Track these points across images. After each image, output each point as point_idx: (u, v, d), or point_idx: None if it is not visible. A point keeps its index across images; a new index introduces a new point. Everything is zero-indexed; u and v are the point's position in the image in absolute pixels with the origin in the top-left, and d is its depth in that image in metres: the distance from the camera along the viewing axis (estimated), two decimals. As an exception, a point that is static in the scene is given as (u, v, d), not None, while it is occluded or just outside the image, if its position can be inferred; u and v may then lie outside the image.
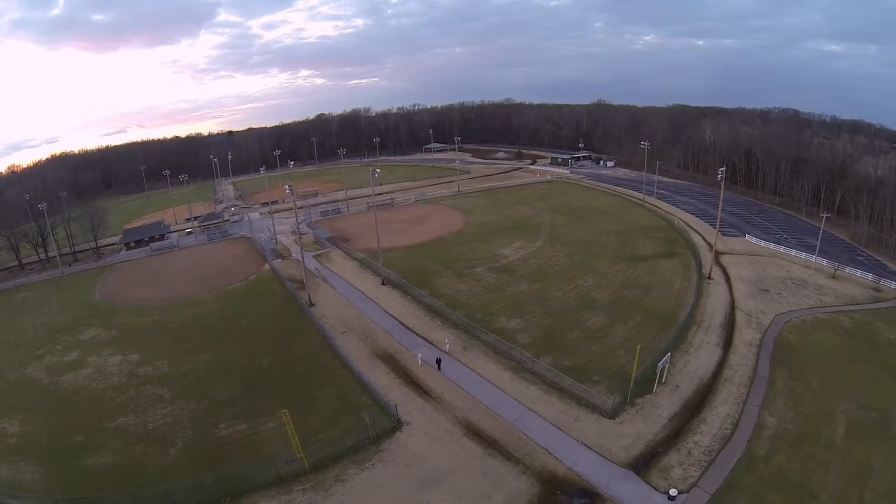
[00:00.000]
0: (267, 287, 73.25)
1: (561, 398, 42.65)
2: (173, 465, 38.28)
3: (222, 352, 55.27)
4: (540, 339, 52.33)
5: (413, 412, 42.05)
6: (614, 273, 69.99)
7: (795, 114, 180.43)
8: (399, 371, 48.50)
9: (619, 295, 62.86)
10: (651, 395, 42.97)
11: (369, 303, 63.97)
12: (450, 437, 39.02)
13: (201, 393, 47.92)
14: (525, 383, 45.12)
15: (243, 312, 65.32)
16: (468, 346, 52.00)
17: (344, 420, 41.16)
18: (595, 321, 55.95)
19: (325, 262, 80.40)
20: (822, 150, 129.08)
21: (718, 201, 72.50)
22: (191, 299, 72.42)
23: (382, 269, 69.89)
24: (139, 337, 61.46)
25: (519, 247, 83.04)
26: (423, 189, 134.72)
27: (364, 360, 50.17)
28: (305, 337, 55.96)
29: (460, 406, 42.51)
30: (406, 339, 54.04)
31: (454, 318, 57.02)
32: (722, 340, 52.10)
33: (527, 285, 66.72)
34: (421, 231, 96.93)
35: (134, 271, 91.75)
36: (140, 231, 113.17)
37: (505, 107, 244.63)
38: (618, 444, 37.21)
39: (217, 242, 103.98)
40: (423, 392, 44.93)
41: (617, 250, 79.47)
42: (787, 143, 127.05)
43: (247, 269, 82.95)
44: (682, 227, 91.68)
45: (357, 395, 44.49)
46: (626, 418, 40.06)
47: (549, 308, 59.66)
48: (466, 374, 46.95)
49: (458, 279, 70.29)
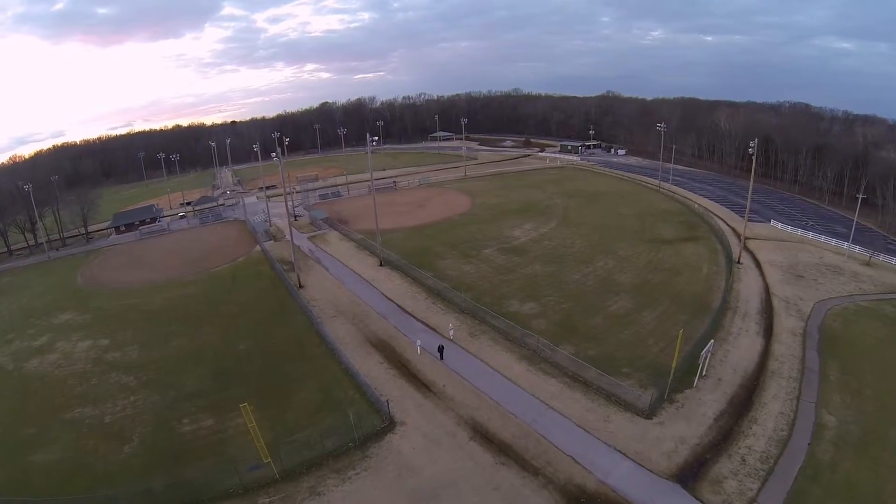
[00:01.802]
0: (255, 269, 66.28)
1: (586, 394, 35.30)
2: (125, 466, 32.02)
3: (198, 337, 48.70)
4: (558, 326, 44.98)
5: (409, 409, 34.78)
6: (636, 256, 62.69)
7: (807, 107, 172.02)
8: (394, 360, 41.25)
9: (643, 278, 55.59)
10: (691, 389, 35.88)
11: (364, 285, 56.81)
12: (453, 440, 31.65)
13: (168, 382, 41.50)
14: (543, 376, 37.74)
15: (226, 295, 58.59)
16: (476, 332, 44.73)
17: (325, 417, 33.97)
18: (619, 306, 48.60)
19: (320, 243, 73.26)
20: (842, 136, 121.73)
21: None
22: (173, 282, 66.15)
23: (381, 248, 62.54)
24: (113, 321, 55.61)
25: (530, 228, 75.65)
26: (428, 174, 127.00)
27: (354, 348, 43.00)
28: (291, 321, 48.85)
29: (466, 403, 35.13)
30: (404, 325, 46.79)
31: (460, 302, 49.74)
32: (762, 328, 45.67)
33: (540, 267, 59.41)
34: (424, 213, 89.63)
35: (120, 255, 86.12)
36: (130, 215, 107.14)
37: (512, 97, 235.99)
38: (658, 449, 30.01)
39: (209, 225, 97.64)
40: (421, 385, 37.65)
41: (636, 233, 72.22)
42: (806, 129, 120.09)
43: (236, 251, 76.13)
44: (702, 212, 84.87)
45: (343, 388, 37.33)
46: (665, 418, 32.84)
47: (566, 291, 52.35)
48: (474, 365, 39.57)
49: (465, 260, 63.02)
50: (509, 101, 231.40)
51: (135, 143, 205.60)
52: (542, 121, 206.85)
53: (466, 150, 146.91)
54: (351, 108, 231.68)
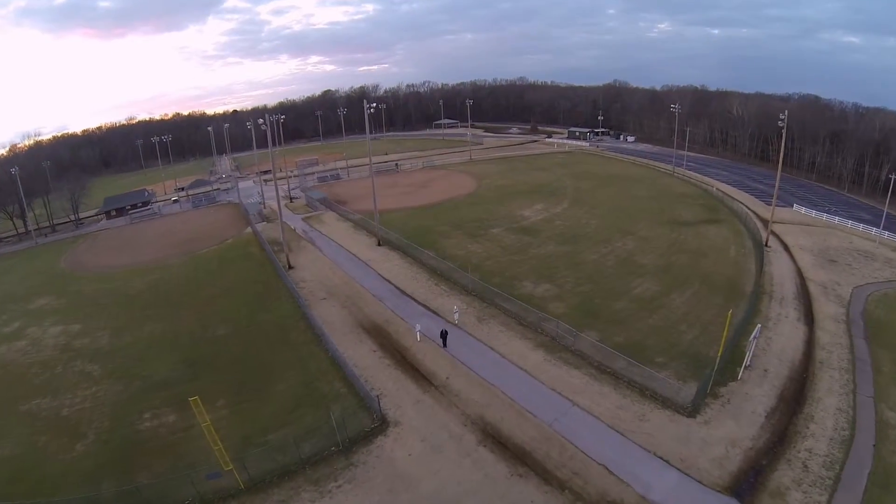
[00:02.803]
0: (244, 250, 60.79)
1: (616, 387, 29.58)
2: (74, 467, 27.17)
3: (174, 322, 43.50)
4: (578, 309, 39.20)
5: (405, 406, 29.03)
6: (656, 237, 56.93)
7: (816, 99, 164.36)
8: (389, 348, 35.57)
9: (667, 260, 49.89)
10: (736, 382, 30.41)
11: (360, 265, 51.23)
12: (458, 445, 25.84)
13: (135, 371, 36.40)
14: (565, 366, 31.98)
15: (210, 278, 53.28)
16: (484, 316, 39.03)
17: (306, 415, 28.46)
18: (644, 288, 42.88)
19: (316, 224, 67.57)
20: (860, 123, 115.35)
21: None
22: (157, 265, 61.05)
23: (378, 227, 56.83)
24: (89, 306, 50.79)
25: (541, 208, 69.67)
26: (432, 157, 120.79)
27: (344, 334, 37.41)
28: (276, 304, 43.33)
29: (474, 399, 29.35)
30: (402, 308, 41.17)
31: (466, 282, 44.08)
32: (801, 314, 40.55)
33: (554, 247, 53.67)
34: (427, 194, 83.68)
35: (108, 239, 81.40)
36: (120, 199, 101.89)
37: (517, 85, 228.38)
38: (707, 454, 24.48)
39: (202, 209, 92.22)
40: (420, 377, 31.99)
41: (654, 214, 66.38)
42: (823, 116, 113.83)
43: (227, 233, 70.72)
44: (720, 196, 79.08)
45: (329, 380, 31.73)
46: (710, 416, 27.31)
47: (584, 272, 46.66)
48: (482, 353, 33.92)
49: (471, 240, 57.30)
50: (515, 89, 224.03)
51: (134, 133, 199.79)
52: (548, 108, 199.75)
53: (471, 137, 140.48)
54: (354, 95, 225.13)
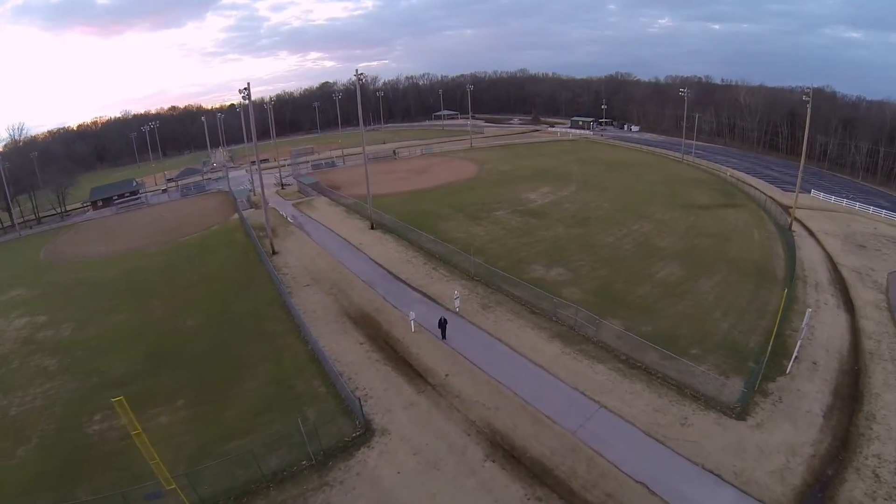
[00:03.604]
0: (228, 237, 56.10)
1: (650, 384, 24.78)
2: (10, 476, 22.99)
3: (144, 311, 38.98)
4: (596, 295, 34.44)
5: (395, 411, 23.96)
6: (673, 220, 52.26)
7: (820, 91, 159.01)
8: (379, 339, 30.76)
9: (688, 243, 45.22)
10: (785, 377, 25.85)
11: (350, 249, 46.58)
12: (460, 460, 20.76)
13: (93, 366, 31.90)
14: (587, 360, 27.14)
15: (188, 265, 48.71)
16: (490, 303, 34.26)
17: (275, 419, 23.57)
18: (668, 273, 38.19)
19: (307, 209, 62.74)
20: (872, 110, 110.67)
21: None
22: (135, 253, 56.65)
23: (372, 209, 52.12)
24: (60, 296, 46.47)
25: (548, 192, 64.81)
26: (431, 145, 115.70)
27: (328, 323, 32.67)
28: (255, 292, 38.58)
29: (479, 401, 24.31)
30: (394, 294, 36.45)
31: (468, 266, 39.36)
32: (840, 301, 36.40)
33: (564, 230, 49.01)
34: (426, 178, 78.89)
35: (91, 229, 77.00)
36: (107, 189, 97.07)
37: (518, 77, 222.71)
38: (764, 466, 19.92)
39: (191, 197, 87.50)
40: (414, 375, 27.06)
41: (668, 198, 61.72)
42: (834, 104, 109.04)
43: (213, 219, 66.07)
44: (734, 181, 74.59)
45: (305, 378, 26.91)
46: (762, 418, 22.72)
47: (600, 256, 41.99)
48: (488, 346, 29.18)
49: (473, 222, 52.62)
50: (515, 80, 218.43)
51: (130, 126, 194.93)
52: (549, 99, 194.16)
53: (472, 127, 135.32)
54: (352, 88, 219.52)
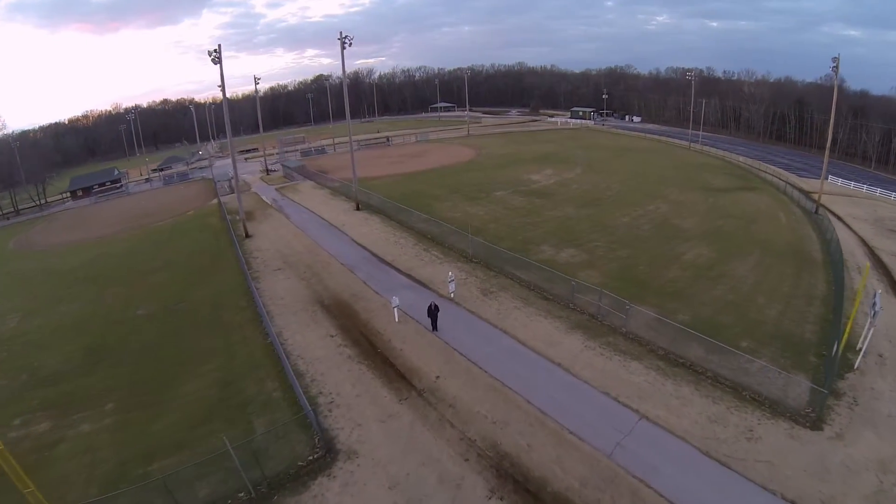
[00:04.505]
0: (202, 221, 50.68)
1: (698, 386, 19.14)
2: None
3: (96, 300, 33.75)
4: (618, 279, 28.85)
5: (368, 424, 18.04)
6: (690, 202, 47.16)
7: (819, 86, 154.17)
8: (354, 330, 24.97)
9: (712, 225, 40.10)
10: (854, 373, 20.80)
11: (331, 230, 41.21)
12: (454, 497, 14.85)
13: (26, 362, 26.73)
14: (617, 357, 21.30)
15: (155, 250, 43.42)
16: (492, 287, 28.60)
17: (216, 431, 17.77)
18: (696, 254, 32.97)
19: (290, 193, 57.17)
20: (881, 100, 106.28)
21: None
22: (105, 240, 51.68)
23: (359, 189, 46.77)
24: (16, 285, 41.70)
25: (551, 173, 59.37)
26: (427, 133, 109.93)
27: (295, 312, 26.97)
28: (219, 277, 33.13)
29: (480, 412, 18.38)
30: (378, 279, 30.92)
31: (465, 247, 33.91)
32: (886, 286, 31.86)
33: (574, 209, 43.76)
34: (420, 162, 73.29)
35: (67, 218, 72.03)
36: (88, 178, 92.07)
37: (515, 70, 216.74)
38: (855, 489, 14.95)
39: (174, 185, 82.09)
40: (395, 376, 21.05)
41: (681, 181, 56.58)
42: (843, 92, 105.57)
43: (190, 205, 60.84)
44: (746, 167, 69.68)
45: (259, 378, 21.25)
46: (841, 426, 17.57)
47: (616, 236, 36.70)
48: (491, 340, 23.45)
49: (470, 202, 47.31)
50: (513, 73, 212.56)
51: (121, 120, 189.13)
52: (548, 91, 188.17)
53: (469, 117, 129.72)
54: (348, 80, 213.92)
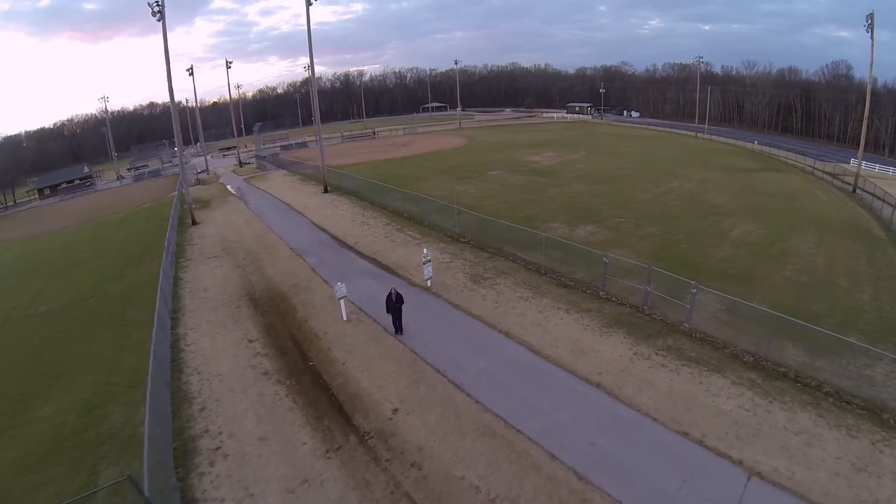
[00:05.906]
0: (154, 212, 43.72)
1: (821, 412, 11.35)
2: None
3: (6, 296, 26.83)
4: (656, 258, 20.66)
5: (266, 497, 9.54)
6: (716, 180, 40.66)
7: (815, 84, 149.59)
8: (283, 333, 17.15)
9: (748, 201, 33.50)
10: None
11: (290, 214, 34.06)
12: None
13: None
14: (688, 370, 13.28)
15: (90, 243, 36.83)
16: (484, 272, 20.87)
17: (54, 477, 10.62)
18: (745, 231, 26.28)
19: (258, 182, 49.98)
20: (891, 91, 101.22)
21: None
22: (50, 233, 45.56)
23: (327, 169, 40.22)
24: None
25: (553, 155, 52.63)
26: (416, 127, 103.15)
27: (214, 308, 19.43)
28: (144, 268, 25.90)
29: (466, 478, 9.81)
30: (330, 264, 23.34)
31: (450, 226, 26.56)
32: None
33: (585, 186, 37.03)
34: (406, 150, 66.22)
35: (26, 217, 66.03)
36: (55, 176, 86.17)
37: (508, 70, 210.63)
38: None
39: (144, 182, 75.74)
40: (327, 406, 12.66)
41: (698, 162, 50.26)
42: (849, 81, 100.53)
43: (151, 197, 54.10)
44: (762, 150, 63.34)
45: (133, 401, 13.64)
46: None
47: (642, 212, 29.80)
48: (487, 348, 14.94)
49: (460, 182, 40.18)
50: (506, 73, 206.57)
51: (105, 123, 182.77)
52: (543, 90, 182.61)
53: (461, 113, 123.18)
54: (338, 82, 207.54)
